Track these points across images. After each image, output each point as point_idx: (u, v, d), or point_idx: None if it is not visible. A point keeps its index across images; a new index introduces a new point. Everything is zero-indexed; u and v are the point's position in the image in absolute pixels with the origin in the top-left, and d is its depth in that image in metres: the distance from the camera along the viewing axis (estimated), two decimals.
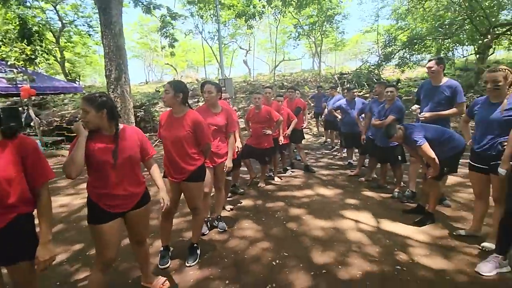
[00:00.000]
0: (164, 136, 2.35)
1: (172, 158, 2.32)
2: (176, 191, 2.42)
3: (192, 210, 2.52)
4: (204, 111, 2.82)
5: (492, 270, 2.17)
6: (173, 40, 14.05)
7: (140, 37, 26.06)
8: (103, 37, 7.89)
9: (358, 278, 2.20)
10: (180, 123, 2.29)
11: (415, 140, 2.83)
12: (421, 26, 14.12)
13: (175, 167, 2.34)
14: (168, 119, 2.36)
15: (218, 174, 2.97)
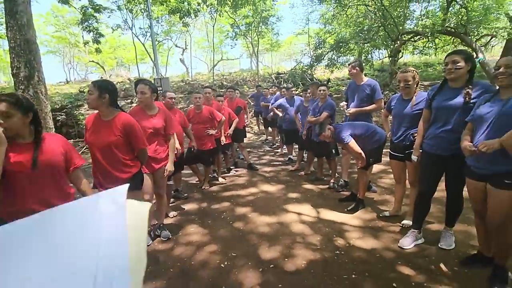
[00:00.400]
0: (91, 142, 2.09)
1: (102, 166, 2.08)
2: None
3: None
4: (138, 113, 2.61)
5: (411, 244, 2.52)
6: (98, 35, 12.70)
7: (55, 30, 22.76)
8: (7, 28, 6.64)
9: (303, 268, 2.32)
10: (109, 127, 2.05)
11: (343, 138, 3.13)
12: (345, 30, 15.62)
13: (106, 176, 2.10)
14: (95, 123, 2.10)
15: (158, 180, 2.78)
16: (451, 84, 2.26)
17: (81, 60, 27.47)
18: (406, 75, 2.69)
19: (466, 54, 2.19)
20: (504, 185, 1.79)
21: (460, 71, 2.14)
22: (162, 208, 2.97)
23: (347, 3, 13.36)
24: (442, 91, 2.32)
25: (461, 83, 2.20)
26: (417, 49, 14.98)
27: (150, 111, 2.70)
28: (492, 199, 1.88)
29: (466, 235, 2.64)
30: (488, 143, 1.76)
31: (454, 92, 2.22)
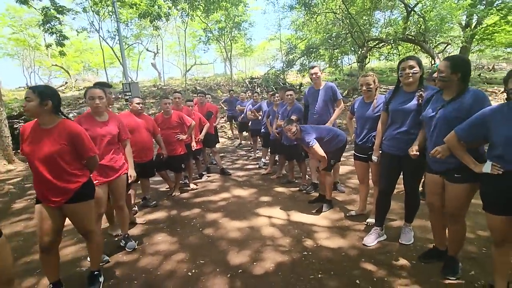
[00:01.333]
0: (30, 153, 1.89)
1: (44, 178, 1.89)
2: (56, 217, 1.99)
3: (84, 235, 2.16)
4: (88, 121, 2.45)
5: (374, 241, 2.63)
6: (61, 37, 12.05)
7: (13, 32, 21.23)
8: None
9: (271, 271, 2.33)
10: (51, 135, 1.89)
11: (308, 142, 3.23)
12: (316, 37, 16.17)
13: (51, 188, 1.92)
14: (33, 132, 1.92)
15: (116, 190, 2.63)
16: (406, 89, 2.41)
17: (43, 64, 25.83)
18: (367, 79, 2.83)
19: (419, 60, 2.35)
20: (455, 179, 1.95)
21: (416, 76, 2.30)
22: (125, 219, 2.82)
23: (316, 11, 13.86)
24: (397, 95, 2.47)
25: (414, 87, 2.36)
26: (383, 55, 15.86)
27: (101, 117, 2.54)
28: (448, 192, 2.03)
29: (424, 229, 2.80)
30: (440, 149, 1.90)
31: (408, 95, 2.37)
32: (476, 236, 2.64)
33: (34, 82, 27.96)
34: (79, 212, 2.04)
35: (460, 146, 1.80)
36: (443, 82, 1.96)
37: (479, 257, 2.29)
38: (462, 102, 1.89)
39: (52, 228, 1.96)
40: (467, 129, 1.75)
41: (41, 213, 1.94)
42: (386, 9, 14.86)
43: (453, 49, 16.33)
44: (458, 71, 1.91)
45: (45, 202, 1.95)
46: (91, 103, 2.43)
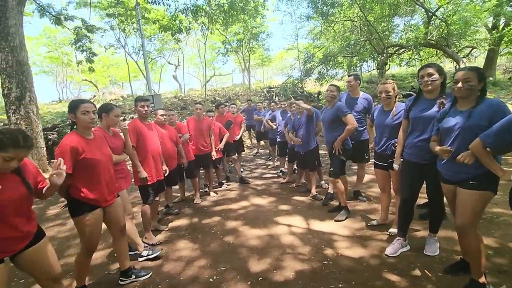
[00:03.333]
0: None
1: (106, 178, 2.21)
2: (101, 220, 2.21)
3: (122, 231, 2.38)
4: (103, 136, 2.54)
5: (397, 251, 2.57)
6: (91, 54, 12.90)
7: (48, 51, 22.95)
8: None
9: (291, 279, 2.33)
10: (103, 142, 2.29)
11: (345, 110, 3.42)
12: (333, 45, 16.14)
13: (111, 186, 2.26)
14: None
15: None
16: (426, 96, 2.39)
17: (74, 79, 27.61)
18: (386, 86, 2.82)
19: (438, 67, 2.33)
20: (470, 186, 1.90)
21: (436, 83, 2.28)
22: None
23: (334, 19, 13.87)
24: (418, 102, 2.45)
25: (435, 94, 2.34)
26: (404, 61, 15.50)
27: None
28: (459, 198, 1.97)
29: (450, 240, 2.70)
30: (466, 155, 1.85)
31: (429, 103, 2.35)
32: (506, 248, 2.51)
33: (66, 96, 29.85)
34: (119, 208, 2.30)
35: (486, 153, 1.76)
36: (468, 91, 1.92)
37: (511, 270, 2.17)
38: (481, 110, 1.86)
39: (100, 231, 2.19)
40: (493, 135, 1.71)
41: (98, 218, 2.13)
42: (405, 15, 14.62)
43: (479, 52, 15.69)
44: (483, 80, 1.91)
45: (102, 203, 2.14)
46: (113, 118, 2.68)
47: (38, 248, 1.73)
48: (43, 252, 1.76)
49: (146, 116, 3.31)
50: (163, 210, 4.17)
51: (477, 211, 1.90)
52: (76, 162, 2.00)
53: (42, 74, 27.00)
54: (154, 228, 3.50)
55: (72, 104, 2.10)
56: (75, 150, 1.98)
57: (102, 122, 2.66)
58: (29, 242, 1.69)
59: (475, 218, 1.92)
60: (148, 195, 3.15)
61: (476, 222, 1.93)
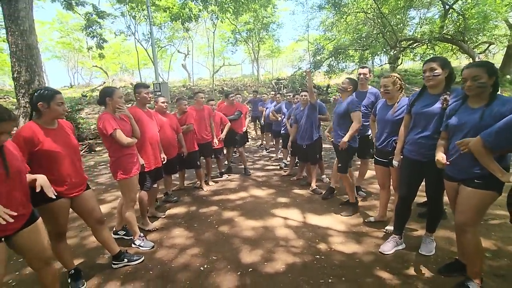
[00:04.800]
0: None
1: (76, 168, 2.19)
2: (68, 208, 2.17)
3: (100, 222, 2.36)
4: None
5: (391, 249, 2.52)
6: (101, 40, 12.93)
7: (60, 36, 23.18)
8: (8, 33, 6.82)
9: (281, 272, 2.32)
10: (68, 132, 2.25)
11: (357, 104, 3.31)
12: (345, 37, 15.74)
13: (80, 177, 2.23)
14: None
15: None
16: (430, 91, 2.29)
17: (85, 65, 27.91)
18: (385, 81, 2.72)
19: (442, 61, 2.21)
20: (474, 185, 1.82)
21: (438, 78, 2.17)
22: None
23: (347, 11, 13.49)
24: (421, 98, 2.35)
25: (439, 89, 2.23)
26: (418, 56, 15.02)
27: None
28: (461, 196, 1.91)
29: (447, 241, 2.64)
30: (466, 141, 1.77)
31: (432, 98, 2.25)
32: (506, 251, 2.43)
33: (77, 81, 30.25)
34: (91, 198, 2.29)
35: (486, 152, 1.68)
36: (480, 88, 1.82)
37: (508, 274, 2.11)
38: (495, 110, 1.76)
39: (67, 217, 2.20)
40: (494, 134, 1.62)
41: (61, 207, 2.08)
42: (422, 7, 14.09)
43: (498, 49, 15.07)
44: (494, 76, 1.80)
45: (65, 195, 2.10)
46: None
47: (33, 229, 1.72)
48: (37, 233, 1.76)
49: (149, 103, 3.30)
50: (162, 197, 4.21)
51: (479, 211, 1.83)
52: (31, 154, 1.92)
53: (54, 59, 27.44)
54: (151, 214, 3.54)
55: (47, 94, 2.01)
56: (29, 141, 1.90)
57: (108, 107, 2.63)
58: (25, 222, 1.69)
59: (477, 217, 1.85)
60: (145, 181, 3.17)
61: (477, 222, 1.87)
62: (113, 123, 2.52)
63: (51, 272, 1.88)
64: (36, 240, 1.76)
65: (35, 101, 1.99)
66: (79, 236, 3.17)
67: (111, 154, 2.65)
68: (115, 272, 2.42)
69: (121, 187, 2.75)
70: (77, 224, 3.46)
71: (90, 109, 13.20)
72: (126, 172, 2.65)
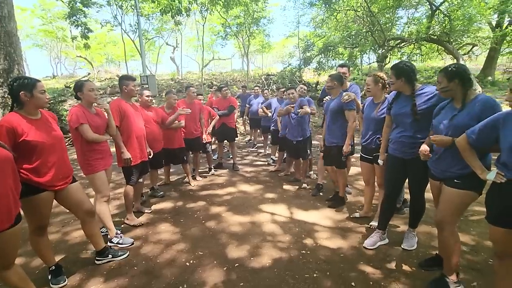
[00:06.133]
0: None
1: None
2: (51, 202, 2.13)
3: (89, 214, 2.32)
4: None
5: (375, 244, 2.58)
6: (86, 30, 12.49)
7: (42, 24, 22.19)
8: None
9: (267, 267, 2.34)
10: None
11: (352, 104, 3.25)
12: (335, 34, 15.82)
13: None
14: None
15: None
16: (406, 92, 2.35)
17: (69, 55, 26.89)
18: (368, 79, 2.80)
19: (396, 70, 2.32)
20: (454, 184, 1.88)
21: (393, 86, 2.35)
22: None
23: (337, 8, 13.54)
24: (398, 99, 2.40)
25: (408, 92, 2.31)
26: (405, 55, 15.30)
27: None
28: (442, 195, 1.97)
29: (428, 236, 2.72)
30: (439, 138, 1.87)
31: (407, 99, 2.31)
32: (483, 246, 2.53)
33: (60, 72, 29.22)
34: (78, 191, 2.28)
35: (469, 149, 1.73)
36: (445, 93, 1.94)
37: (484, 269, 2.19)
38: (471, 109, 1.81)
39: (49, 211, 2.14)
40: (477, 131, 1.68)
41: (44, 200, 2.02)
42: (410, 7, 14.32)
43: (480, 50, 15.52)
44: (455, 79, 1.86)
45: (49, 188, 2.03)
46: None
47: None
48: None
49: (135, 96, 3.22)
50: (148, 192, 4.14)
51: (457, 209, 1.90)
52: (15, 145, 1.85)
53: (35, 48, 26.26)
54: (137, 209, 3.48)
55: (28, 82, 1.94)
56: (12, 131, 1.83)
57: (81, 100, 2.58)
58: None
59: (455, 215, 1.91)
60: (131, 175, 3.11)
61: (455, 220, 1.93)
62: (81, 117, 2.45)
63: None
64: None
65: (16, 91, 1.92)
66: (61, 231, 3.09)
67: (78, 148, 2.57)
68: (99, 268, 2.38)
69: (90, 182, 2.70)
70: (59, 219, 3.37)
71: (74, 101, 12.79)
72: (92, 167, 2.58)
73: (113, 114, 2.84)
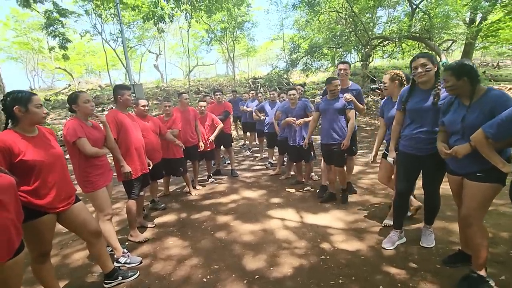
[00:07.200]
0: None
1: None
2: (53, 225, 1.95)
3: (95, 235, 2.14)
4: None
5: (394, 244, 2.54)
6: (64, 40, 12.04)
7: (16, 35, 21.31)
8: None
9: (289, 276, 2.24)
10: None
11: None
12: (319, 36, 16.04)
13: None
14: None
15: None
16: (422, 86, 2.31)
17: (46, 67, 25.94)
18: (384, 77, 2.84)
19: (431, 57, 2.25)
20: (477, 178, 1.86)
21: (431, 73, 2.20)
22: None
23: (319, 9, 13.73)
24: (414, 94, 2.37)
25: (430, 84, 2.26)
26: (386, 54, 15.70)
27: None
28: (466, 190, 1.94)
29: (445, 231, 2.71)
30: (459, 149, 1.83)
31: (425, 93, 2.27)
32: (501, 237, 2.54)
33: (38, 85, 28.11)
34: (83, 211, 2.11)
35: (487, 144, 1.71)
36: (453, 91, 1.91)
37: (508, 261, 2.19)
38: (482, 105, 1.80)
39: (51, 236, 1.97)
40: (496, 125, 1.66)
41: (46, 225, 1.85)
42: (389, 7, 14.73)
43: (456, 46, 16.16)
44: (464, 76, 1.83)
45: (50, 210, 1.85)
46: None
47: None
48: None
49: (131, 106, 3.07)
50: (149, 205, 3.96)
51: (483, 203, 1.87)
52: (11, 165, 1.67)
53: (10, 61, 25.14)
54: (139, 224, 3.30)
55: (22, 96, 1.77)
56: (7, 151, 1.66)
57: (77, 113, 2.41)
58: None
59: (481, 210, 1.89)
60: (133, 189, 2.94)
61: (482, 214, 1.90)
62: (79, 131, 2.28)
63: None
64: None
65: (10, 106, 1.74)
66: (60, 254, 2.87)
67: (75, 164, 2.38)
68: None
69: (90, 201, 2.49)
70: (56, 240, 3.14)
71: (55, 114, 12.30)
72: (92, 185, 2.39)
73: (110, 126, 2.68)
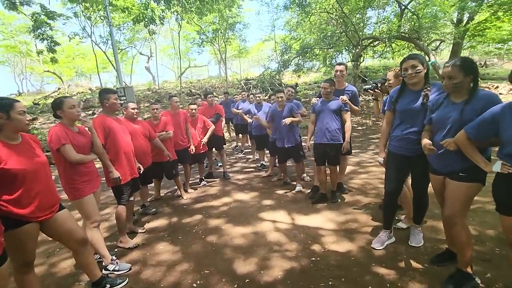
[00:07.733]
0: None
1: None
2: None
3: (83, 243, 2.10)
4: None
5: (383, 244, 2.56)
6: (53, 43, 11.86)
7: (3, 39, 20.88)
8: None
9: (280, 279, 2.24)
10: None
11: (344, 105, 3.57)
12: (310, 37, 16.14)
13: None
14: None
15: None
16: (412, 87, 2.33)
17: (35, 70, 25.48)
18: (388, 74, 2.87)
19: (421, 58, 2.28)
20: (459, 178, 1.89)
21: (421, 75, 2.23)
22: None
23: (310, 10, 13.81)
24: (404, 94, 2.39)
25: (420, 85, 2.29)
26: (377, 54, 15.88)
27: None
28: (448, 190, 1.97)
29: (432, 230, 2.75)
30: (450, 141, 1.84)
31: (415, 94, 2.30)
32: (487, 235, 2.58)
33: (27, 88, 27.60)
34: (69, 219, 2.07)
35: (470, 144, 1.75)
36: (457, 88, 1.87)
37: (494, 259, 2.22)
38: (474, 103, 1.82)
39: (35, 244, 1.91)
40: (476, 126, 1.69)
41: (28, 234, 1.79)
42: (379, 7, 14.91)
43: (444, 45, 16.43)
44: (471, 74, 1.84)
45: (33, 219, 1.81)
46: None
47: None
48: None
49: (118, 110, 3.02)
50: (139, 210, 3.92)
51: (465, 202, 1.90)
52: None
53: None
54: (130, 230, 3.26)
55: (4, 103, 1.74)
56: None
57: (62, 119, 2.37)
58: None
59: (464, 209, 1.92)
60: (122, 195, 2.90)
61: (465, 213, 1.93)
62: (63, 137, 2.24)
63: None
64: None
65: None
66: (46, 263, 2.81)
67: (61, 171, 2.34)
68: None
69: (77, 208, 2.45)
70: (42, 249, 3.08)
71: (44, 118, 12.08)
72: (79, 192, 2.35)
73: (97, 131, 2.63)
